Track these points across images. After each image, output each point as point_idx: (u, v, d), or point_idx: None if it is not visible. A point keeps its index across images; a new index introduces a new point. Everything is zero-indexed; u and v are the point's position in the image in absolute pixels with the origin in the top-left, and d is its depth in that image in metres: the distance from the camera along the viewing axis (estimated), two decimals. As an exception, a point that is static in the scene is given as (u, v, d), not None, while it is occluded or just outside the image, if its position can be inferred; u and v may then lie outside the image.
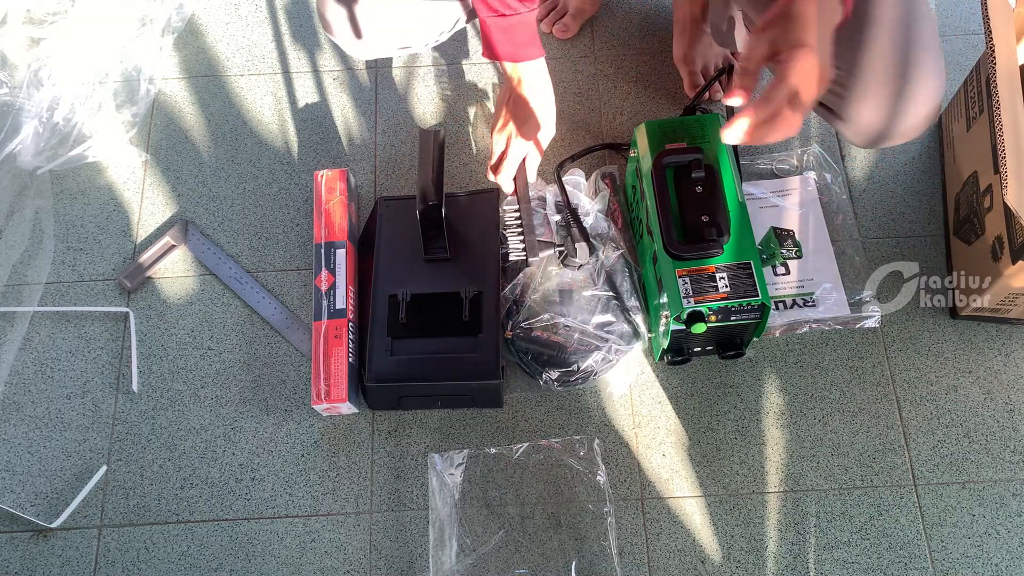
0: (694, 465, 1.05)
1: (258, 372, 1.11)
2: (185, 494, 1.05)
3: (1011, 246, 0.96)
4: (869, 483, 1.03)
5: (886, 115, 0.86)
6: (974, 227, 1.06)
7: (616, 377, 1.08)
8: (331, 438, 1.07)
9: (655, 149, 1.03)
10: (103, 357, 1.12)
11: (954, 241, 1.14)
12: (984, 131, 1.03)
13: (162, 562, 1.02)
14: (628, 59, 1.32)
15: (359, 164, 1.25)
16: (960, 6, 1.34)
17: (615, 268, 1.10)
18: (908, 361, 1.10)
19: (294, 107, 1.29)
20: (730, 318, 0.97)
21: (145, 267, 1.17)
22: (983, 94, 1.07)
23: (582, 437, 1.04)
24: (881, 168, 1.22)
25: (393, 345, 1.05)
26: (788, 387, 1.09)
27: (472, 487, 1.02)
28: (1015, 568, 0.99)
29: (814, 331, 1.11)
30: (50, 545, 1.03)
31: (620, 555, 0.99)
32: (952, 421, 1.06)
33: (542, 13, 1.34)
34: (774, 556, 1.00)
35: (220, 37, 1.35)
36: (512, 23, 0.92)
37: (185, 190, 1.23)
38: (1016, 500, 1.02)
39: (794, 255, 1.13)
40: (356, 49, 1.09)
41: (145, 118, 1.28)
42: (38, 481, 1.06)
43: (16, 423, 1.09)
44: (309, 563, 1.01)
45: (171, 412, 1.09)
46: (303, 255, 1.19)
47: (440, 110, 1.29)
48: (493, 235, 1.11)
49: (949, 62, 0.99)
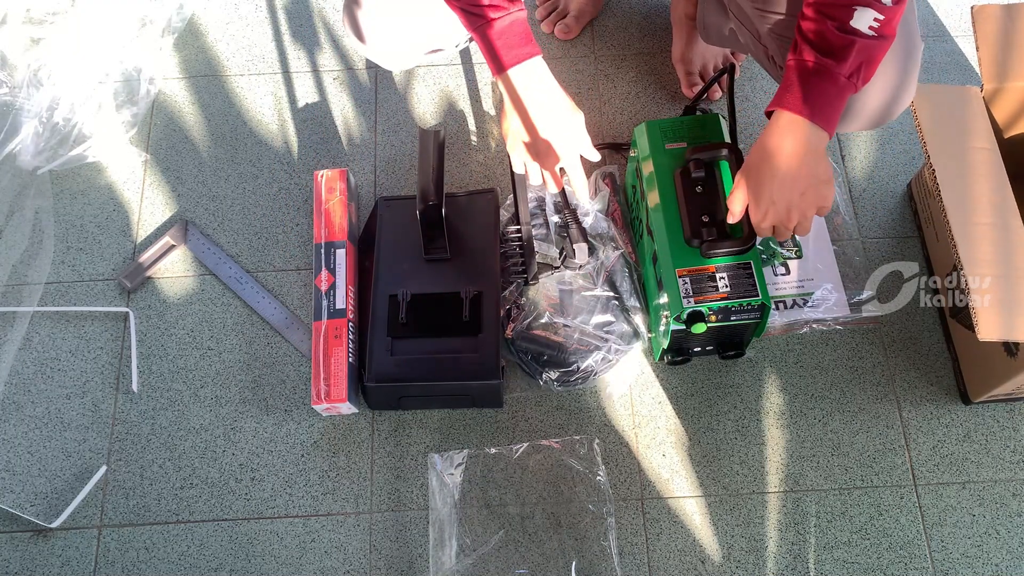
0: (694, 465, 1.05)
1: (258, 372, 1.11)
2: (185, 494, 1.05)
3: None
4: (869, 483, 1.03)
5: (891, 96, 0.90)
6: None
7: (616, 377, 1.08)
8: (331, 438, 1.07)
9: (656, 149, 1.03)
10: (103, 357, 1.12)
11: (953, 325, 1.09)
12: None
13: (162, 562, 1.02)
14: (628, 59, 1.32)
15: (359, 164, 1.25)
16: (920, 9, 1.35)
17: (615, 268, 1.10)
18: (908, 361, 1.10)
19: (294, 107, 1.29)
20: (730, 318, 0.97)
21: (145, 267, 1.17)
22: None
23: (582, 437, 1.04)
24: (881, 168, 1.22)
25: (393, 345, 1.05)
26: (788, 387, 1.09)
27: (472, 487, 1.02)
28: (1015, 568, 0.99)
29: (814, 331, 1.11)
30: (50, 545, 1.03)
31: (620, 555, 0.99)
32: (952, 421, 1.06)
33: (543, 14, 1.34)
34: (774, 556, 1.00)
35: (220, 37, 1.35)
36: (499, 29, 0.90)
37: (185, 190, 1.23)
38: (1016, 500, 1.02)
39: (794, 255, 1.13)
40: (389, 58, 1.08)
41: (145, 118, 1.28)
42: (38, 481, 1.06)
43: (16, 423, 1.09)
44: (309, 563, 1.01)
45: (171, 412, 1.09)
46: (303, 255, 1.19)
47: (440, 110, 1.29)
48: (493, 235, 1.11)
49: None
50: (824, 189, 0.87)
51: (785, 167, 0.85)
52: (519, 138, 0.96)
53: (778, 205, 0.87)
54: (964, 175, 0.95)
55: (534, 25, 1.34)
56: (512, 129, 0.96)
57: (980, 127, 0.98)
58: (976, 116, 0.99)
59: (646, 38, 1.34)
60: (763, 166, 0.87)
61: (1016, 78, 1.01)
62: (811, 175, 0.86)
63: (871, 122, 0.95)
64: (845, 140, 1.24)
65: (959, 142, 0.97)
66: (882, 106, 0.92)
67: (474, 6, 0.87)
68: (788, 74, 0.84)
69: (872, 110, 0.92)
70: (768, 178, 0.87)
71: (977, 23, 1.01)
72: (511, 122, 0.95)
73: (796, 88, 0.83)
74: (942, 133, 0.98)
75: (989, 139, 0.98)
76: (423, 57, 1.13)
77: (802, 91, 0.82)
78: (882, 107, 0.92)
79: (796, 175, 0.85)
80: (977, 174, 0.96)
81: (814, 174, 0.86)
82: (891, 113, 0.93)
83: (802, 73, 0.82)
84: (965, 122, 0.99)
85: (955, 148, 0.97)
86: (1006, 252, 0.91)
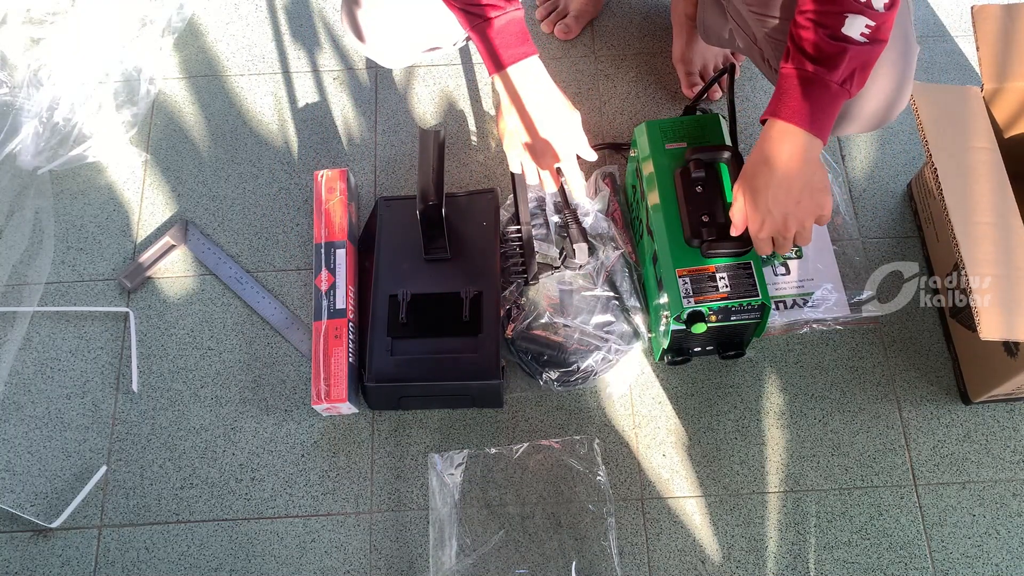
0: (694, 465, 1.05)
1: (258, 372, 1.11)
2: (185, 494, 1.05)
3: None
4: (869, 483, 1.03)
5: (889, 99, 0.91)
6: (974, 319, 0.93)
7: (616, 377, 1.08)
8: (331, 438, 1.07)
9: (656, 149, 1.03)
10: (103, 357, 1.12)
11: (953, 325, 1.09)
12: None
13: (162, 562, 1.02)
14: (628, 59, 1.32)
15: (359, 164, 1.25)
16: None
17: (615, 268, 1.10)
18: (908, 361, 1.10)
19: (294, 107, 1.29)
20: (730, 318, 0.97)
21: (145, 267, 1.17)
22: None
23: (582, 437, 1.04)
24: (881, 168, 1.22)
25: (393, 345, 1.05)
26: (788, 387, 1.09)
27: (472, 487, 1.02)
28: (1015, 568, 0.99)
29: (814, 331, 1.11)
30: (50, 545, 1.03)
31: (620, 555, 0.99)
32: (952, 421, 1.06)
33: (543, 14, 1.34)
34: (774, 556, 1.00)
35: (220, 37, 1.35)
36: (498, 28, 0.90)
37: (185, 190, 1.23)
38: (1016, 500, 1.02)
39: (794, 255, 1.13)
40: (388, 57, 1.08)
41: (145, 118, 1.28)
42: (38, 481, 1.06)
43: (16, 423, 1.09)
44: (309, 563, 1.01)
45: (171, 412, 1.09)
46: (303, 255, 1.19)
47: (440, 110, 1.29)
48: (493, 235, 1.11)
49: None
50: (820, 198, 0.87)
51: (780, 176, 0.85)
52: (516, 137, 0.96)
53: (775, 214, 0.87)
54: (964, 175, 0.95)
55: (533, 25, 1.34)
56: (509, 128, 0.96)
57: (980, 127, 0.98)
58: (976, 116, 0.99)
59: (646, 38, 1.34)
60: (758, 176, 0.87)
61: (1016, 78, 1.01)
62: (806, 184, 0.86)
63: (869, 125, 0.95)
64: (845, 140, 1.24)
65: (959, 142, 0.97)
66: (880, 109, 0.92)
67: (473, 5, 0.87)
68: (780, 82, 0.84)
69: (870, 113, 0.92)
70: (763, 187, 0.87)
71: (977, 23, 1.01)
72: (508, 121, 0.95)
73: (788, 96, 0.83)
74: (942, 133, 0.98)
75: (989, 139, 0.98)
76: (422, 55, 1.13)
77: (794, 99, 0.82)
78: (880, 110, 0.92)
79: (791, 184, 0.85)
80: (977, 174, 0.96)
81: (809, 183, 0.86)
82: (889, 116, 0.94)
83: (794, 81, 0.82)
84: (965, 122, 0.99)
85: (955, 148, 0.97)
86: (1007, 252, 0.91)
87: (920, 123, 0.98)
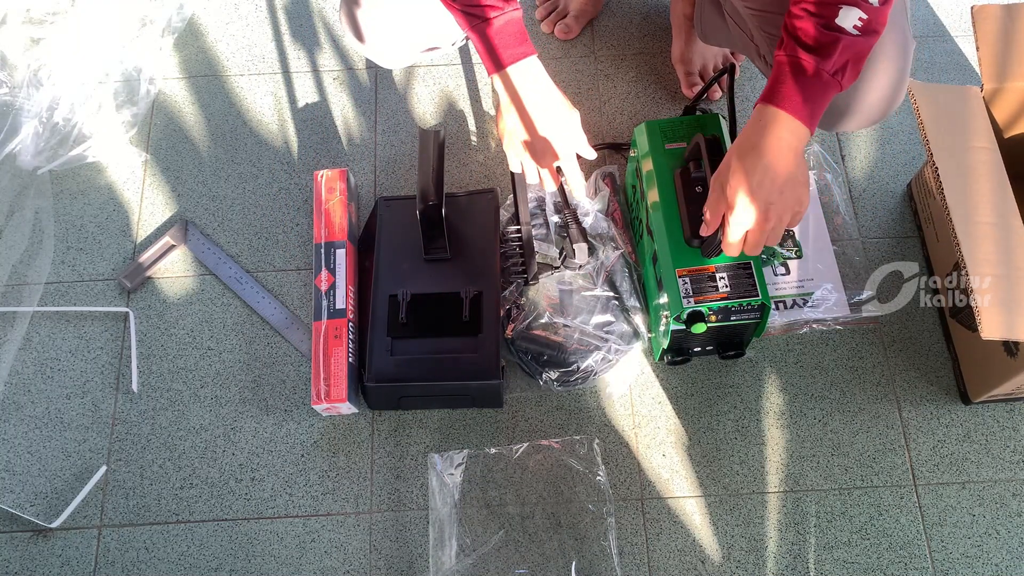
0: (694, 465, 1.05)
1: (258, 372, 1.11)
2: (185, 494, 1.05)
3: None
4: (869, 483, 1.03)
5: (887, 93, 0.91)
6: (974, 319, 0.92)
7: (616, 377, 1.08)
8: (331, 438, 1.07)
9: (656, 149, 1.03)
10: (103, 357, 1.12)
11: (953, 325, 1.09)
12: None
13: (162, 562, 1.02)
14: (628, 59, 1.32)
15: (359, 164, 1.25)
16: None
17: (615, 268, 1.10)
18: (908, 361, 1.10)
19: (294, 107, 1.29)
20: (730, 318, 0.97)
21: (145, 267, 1.17)
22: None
23: (582, 437, 1.04)
24: (881, 168, 1.22)
25: (393, 345, 1.05)
26: (788, 387, 1.09)
27: (472, 487, 1.02)
28: (1015, 568, 0.99)
29: (814, 331, 1.11)
30: (50, 545, 1.03)
31: (620, 555, 0.99)
32: (952, 421, 1.06)
33: (543, 14, 1.34)
34: (774, 556, 1.00)
35: (220, 37, 1.35)
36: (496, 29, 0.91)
37: (185, 190, 1.23)
38: (1016, 500, 1.02)
39: (794, 255, 1.13)
40: (388, 57, 1.08)
41: (145, 118, 1.28)
42: (38, 481, 1.06)
43: (16, 423, 1.09)
44: (309, 563, 1.01)
45: (171, 412, 1.09)
46: (303, 255, 1.19)
47: (440, 110, 1.29)
48: (493, 235, 1.11)
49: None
50: (801, 192, 0.86)
51: (766, 162, 0.83)
52: (516, 136, 0.96)
53: (757, 202, 0.85)
54: (965, 174, 0.95)
55: (533, 25, 1.34)
56: (508, 128, 0.96)
57: (980, 127, 0.98)
58: (976, 116, 0.99)
59: (646, 38, 1.34)
60: (745, 160, 0.85)
61: (1016, 78, 1.01)
62: (791, 173, 0.84)
63: (867, 120, 0.95)
64: (845, 140, 1.24)
65: (959, 142, 0.97)
66: (878, 103, 0.92)
67: (473, 6, 0.88)
68: (774, 70, 0.84)
69: (868, 107, 0.93)
70: (749, 172, 0.84)
71: (977, 23, 1.01)
72: (508, 121, 0.95)
73: (780, 84, 0.83)
74: (943, 132, 0.98)
75: (989, 139, 0.98)
76: (421, 55, 1.13)
77: (786, 87, 0.82)
78: (878, 104, 0.92)
79: (776, 171, 0.83)
80: (978, 174, 0.96)
81: (793, 173, 0.85)
82: (887, 110, 0.94)
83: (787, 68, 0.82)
84: (965, 122, 0.99)
85: (956, 147, 0.97)
86: (1007, 252, 0.91)
87: (921, 123, 0.98)
